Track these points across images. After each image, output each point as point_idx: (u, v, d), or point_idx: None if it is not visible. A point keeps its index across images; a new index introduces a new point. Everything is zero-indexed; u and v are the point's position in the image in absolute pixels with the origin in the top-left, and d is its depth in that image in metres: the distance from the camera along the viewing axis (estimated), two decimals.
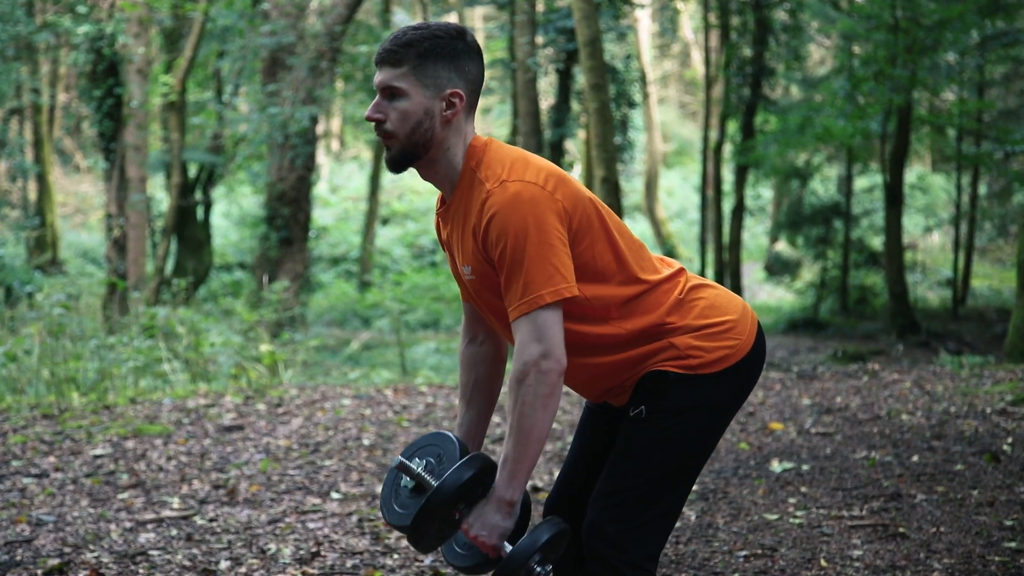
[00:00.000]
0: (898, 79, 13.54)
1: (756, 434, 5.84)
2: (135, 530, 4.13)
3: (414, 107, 2.17)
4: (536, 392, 2.10)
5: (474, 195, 2.18)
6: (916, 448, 5.35)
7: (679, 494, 2.27)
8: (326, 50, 13.66)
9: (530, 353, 2.10)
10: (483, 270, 2.19)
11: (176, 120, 15.03)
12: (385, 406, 6.72)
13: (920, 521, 4.12)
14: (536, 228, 2.10)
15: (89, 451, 5.41)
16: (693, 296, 2.28)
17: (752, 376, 2.31)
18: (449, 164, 2.22)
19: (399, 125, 2.18)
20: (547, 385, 2.10)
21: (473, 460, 2.17)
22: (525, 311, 2.10)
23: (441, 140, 2.20)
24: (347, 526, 4.20)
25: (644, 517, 2.23)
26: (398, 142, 2.19)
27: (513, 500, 2.15)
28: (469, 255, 2.21)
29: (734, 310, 2.30)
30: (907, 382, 7.49)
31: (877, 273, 17.73)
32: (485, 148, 2.22)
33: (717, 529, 4.10)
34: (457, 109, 2.19)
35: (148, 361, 7.73)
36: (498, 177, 2.14)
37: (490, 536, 2.16)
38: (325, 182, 26.87)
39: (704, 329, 2.25)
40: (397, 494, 2.27)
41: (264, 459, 5.26)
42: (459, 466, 2.16)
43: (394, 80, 2.17)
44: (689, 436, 2.25)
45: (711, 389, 2.24)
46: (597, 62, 9.61)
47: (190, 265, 16.97)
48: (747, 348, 2.28)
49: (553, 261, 2.10)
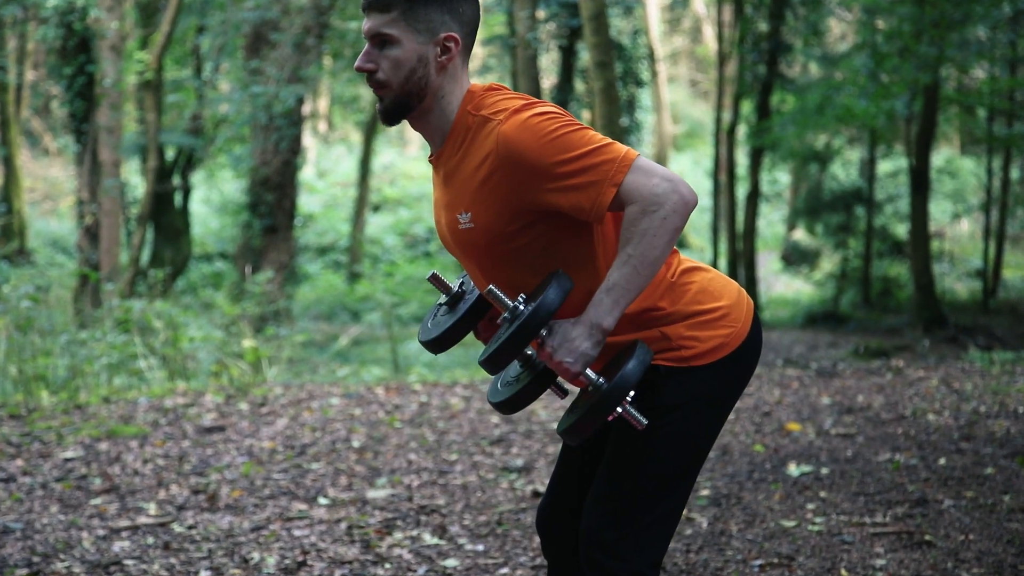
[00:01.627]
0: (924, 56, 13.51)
1: (772, 435, 5.84)
2: (109, 538, 4.12)
3: (407, 54, 2.15)
4: (671, 223, 2.06)
5: (478, 135, 2.15)
6: (943, 450, 5.35)
7: (679, 495, 2.26)
8: (313, 25, 13.64)
9: (661, 186, 2.06)
10: (486, 215, 2.16)
11: (152, 100, 15.01)
12: (376, 405, 6.71)
13: (947, 528, 4.12)
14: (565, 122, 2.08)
15: (59, 454, 5.41)
16: (685, 280, 2.27)
17: (749, 366, 2.31)
18: (442, 112, 2.21)
19: (392, 74, 2.16)
20: (682, 217, 2.07)
21: (560, 277, 2.13)
22: (622, 178, 2.07)
23: (436, 88, 2.19)
24: (335, 534, 4.20)
25: (643, 522, 2.22)
26: (391, 92, 2.18)
27: (609, 328, 2.10)
28: (469, 199, 2.18)
29: (728, 295, 2.29)
30: (934, 380, 7.49)
31: (902, 263, 17.73)
32: (486, 91, 2.20)
33: (730, 537, 4.10)
34: (453, 54, 2.18)
35: (122, 357, 7.73)
36: (508, 109, 2.13)
37: (576, 363, 2.10)
38: (312, 166, 26.85)
39: (697, 316, 2.24)
40: (434, 314, 2.34)
41: (247, 462, 5.26)
42: (560, 280, 2.12)
43: (384, 26, 2.15)
44: (686, 433, 2.24)
45: (706, 382, 2.24)
46: (602, 38, 9.59)
47: (167, 255, 16.96)
48: (743, 336, 2.27)
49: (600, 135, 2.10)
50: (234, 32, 14.48)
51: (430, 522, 4.35)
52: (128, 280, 13.63)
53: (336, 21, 15.80)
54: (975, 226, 23.33)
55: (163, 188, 16.69)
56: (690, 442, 2.25)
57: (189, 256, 18.24)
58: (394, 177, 26.17)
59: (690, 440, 2.25)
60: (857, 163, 20.39)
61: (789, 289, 20.71)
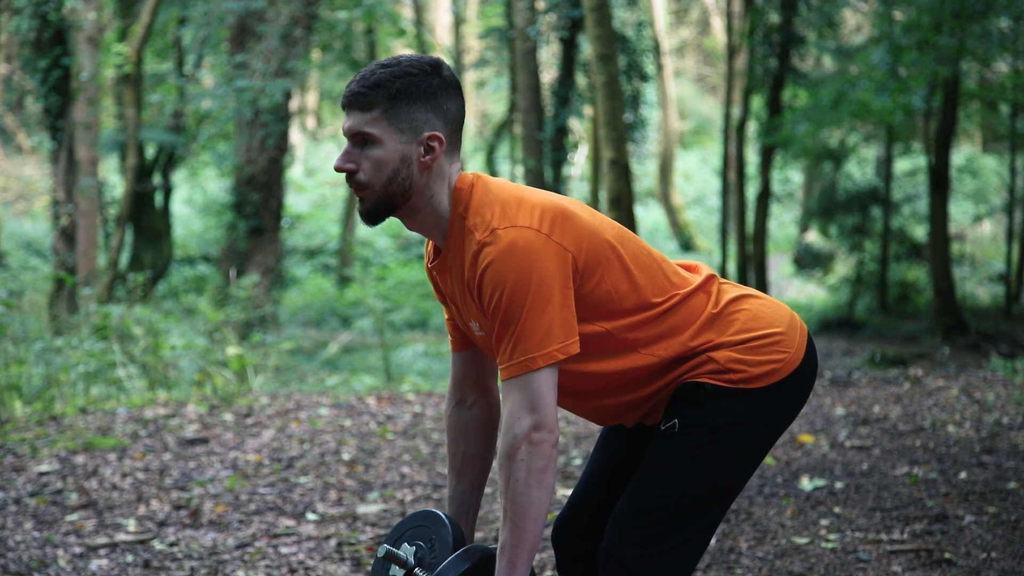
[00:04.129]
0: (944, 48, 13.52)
1: (784, 448, 5.85)
2: (86, 556, 4.12)
3: (389, 154, 2.18)
4: (529, 467, 2.11)
5: (466, 246, 2.19)
6: (964, 464, 5.36)
7: (710, 520, 2.27)
8: (301, 16, 13.65)
9: (521, 425, 2.12)
10: (491, 327, 2.21)
11: (132, 95, 15.00)
12: (367, 416, 6.72)
13: (968, 546, 4.13)
14: (532, 282, 2.11)
15: (34, 467, 5.41)
16: (732, 309, 2.29)
17: (802, 394, 2.32)
18: (435, 212, 2.23)
19: (374, 175, 2.19)
20: (541, 458, 2.12)
21: (469, 553, 2.20)
22: (516, 373, 2.12)
23: (422, 187, 2.21)
24: (324, 551, 4.20)
25: (669, 543, 2.23)
26: (373, 193, 2.20)
27: None
28: (473, 312, 2.23)
29: (780, 321, 2.31)
30: (954, 389, 7.50)
31: (920, 267, 17.74)
32: (471, 190, 2.22)
33: (740, 554, 4.10)
34: (437, 154, 2.20)
35: (100, 366, 7.72)
36: (487, 225, 2.15)
37: None
38: (300, 164, 26.87)
39: (747, 343, 2.26)
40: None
41: (231, 476, 5.26)
42: (454, 560, 2.18)
43: (365, 126, 2.18)
44: (726, 456, 2.25)
45: (754, 405, 2.25)
46: (605, 30, 9.60)
47: (148, 258, 16.96)
48: (796, 362, 2.29)
49: (548, 319, 2.12)
50: (218, 23, 14.48)
51: None
52: (106, 284, 13.62)
53: (325, 11, 15.81)
54: (997, 228, 23.33)
55: (143, 187, 16.69)
56: (729, 465, 2.26)
57: (170, 259, 18.23)
58: None
59: (729, 463, 2.26)
60: (873, 161, 20.39)
61: (801, 294, 20.71)
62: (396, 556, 2.26)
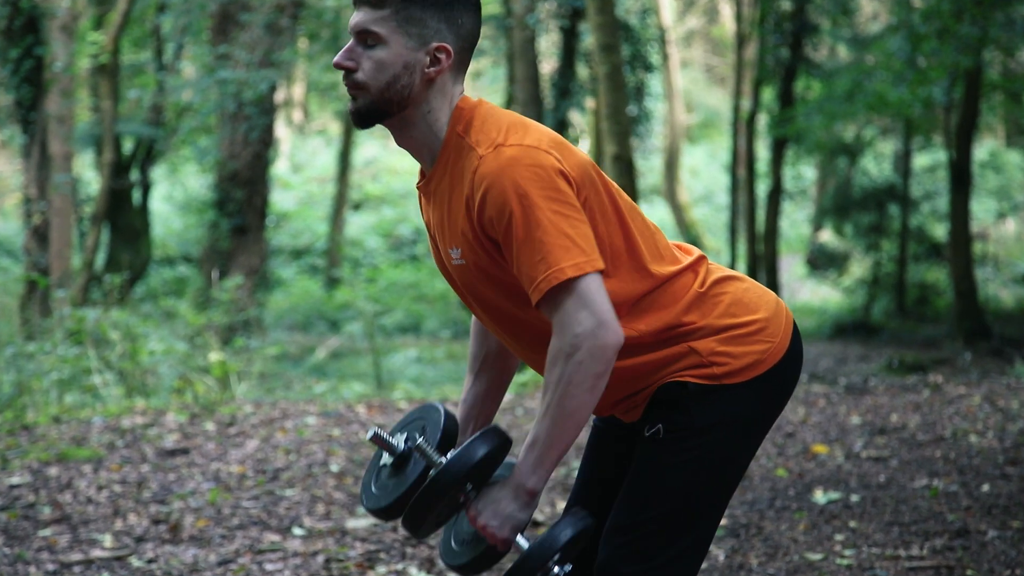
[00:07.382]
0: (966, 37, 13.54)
1: (796, 458, 5.85)
2: (59, 573, 4.12)
3: (392, 58, 2.17)
4: (588, 370, 2.09)
5: (463, 164, 2.18)
6: (987, 475, 5.36)
7: (706, 527, 2.27)
8: (286, 4, 13.66)
9: (582, 324, 2.08)
10: (475, 253, 2.19)
11: (108, 86, 15.02)
12: (357, 425, 6.72)
13: (991, 562, 4.13)
14: (543, 192, 2.09)
15: (4, 479, 5.40)
16: (717, 291, 2.28)
17: (788, 385, 2.32)
18: (429, 129, 2.22)
19: (372, 77, 2.18)
20: (602, 362, 2.09)
21: (488, 435, 2.18)
22: (551, 285, 2.08)
23: (420, 100, 2.20)
24: (312, 567, 4.20)
25: (665, 556, 2.23)
26: (368, 95, 2.20)
27: (536, 490, 2.15)
28: (458, 235, 2.20)
29: (765, 307, 2.31)
30: (976, 397, 7.50)
31: (940, 268, 17.76)
32: (474, 110, 2.22)
33: (750, 571, 4.11)
34: (442, 67, 2.20)
35: (75, 372, 7.72)
36: (492, 141, 2.14)
37: (502, 527, 2.16)
38: (286, 160, 26.86)
39: (730, 330, 2.25)
40: (377, 475, 2.28)
41: (213, 488, 5.26)
42: (473, 441, 2.16)
43: (372, 23, 2.17)
44: (715, 459, 2.25)
45: (739, 402, 2.24)
46: (608, 18, 9.61)
47: (125, 258, 16.95)
48: (781, 352, 2.28)
49: (568, 231, 2.09)
50: (199, 11, 14.48)
51: (416, 554, 4.35)
52: (81, 286, 13.62)
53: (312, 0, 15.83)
54: (1022, 226, 23.37)
55: (120, 184, 16.68)
56: (720, 468, 2.26)
57: (149, 260, 18.22)
58: (377, 172, 26.18)
59: (720, 466, 2.26)
60: (891, 157, 20.42)
61: (815, 296, 20.73)
62: (385, 441, 2.22)
